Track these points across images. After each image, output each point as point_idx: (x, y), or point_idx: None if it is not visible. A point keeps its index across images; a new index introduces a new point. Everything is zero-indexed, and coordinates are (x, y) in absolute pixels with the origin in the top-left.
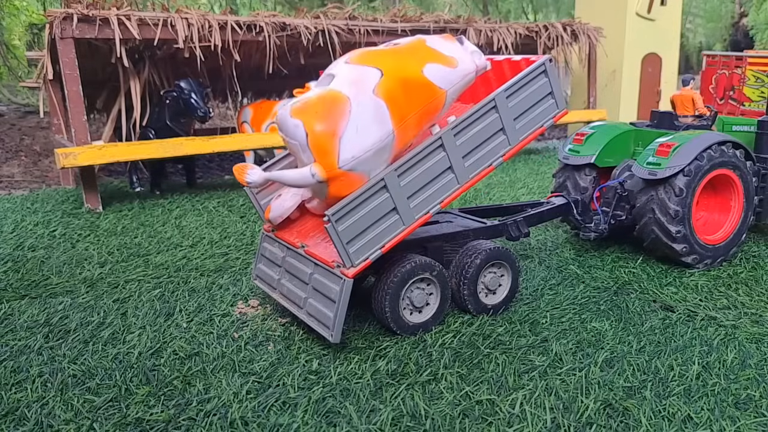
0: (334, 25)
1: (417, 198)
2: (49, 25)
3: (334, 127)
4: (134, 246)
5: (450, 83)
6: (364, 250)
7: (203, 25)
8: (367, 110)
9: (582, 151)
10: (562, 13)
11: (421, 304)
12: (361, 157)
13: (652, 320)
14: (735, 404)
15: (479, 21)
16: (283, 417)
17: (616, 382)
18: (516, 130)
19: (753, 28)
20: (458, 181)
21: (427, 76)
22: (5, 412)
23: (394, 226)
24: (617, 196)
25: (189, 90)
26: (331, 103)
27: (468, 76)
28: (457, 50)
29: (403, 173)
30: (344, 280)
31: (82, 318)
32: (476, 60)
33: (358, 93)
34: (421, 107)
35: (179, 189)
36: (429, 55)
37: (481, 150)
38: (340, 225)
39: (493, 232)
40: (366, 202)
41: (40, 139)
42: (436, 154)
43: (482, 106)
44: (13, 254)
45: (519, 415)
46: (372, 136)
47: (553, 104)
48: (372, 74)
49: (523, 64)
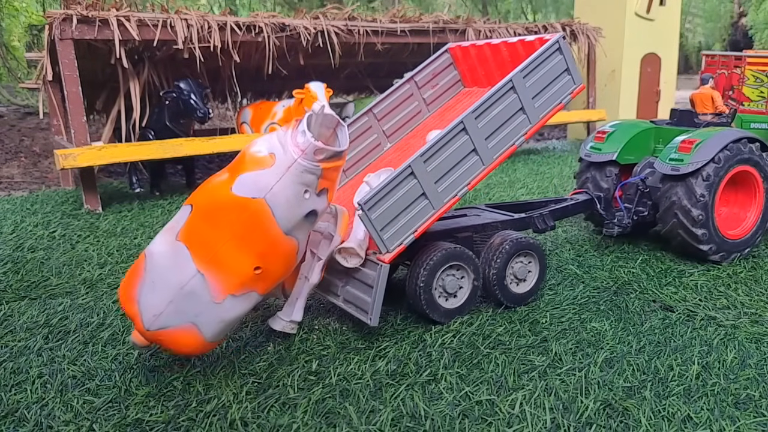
0: (333, 26)
1: (444, 182)
2: (49, 26)
3: (131, 293)
4: (134, 247)
5: (265, 187)
6: (398, 235)
7: (202, 25)
8: (162, 260)
9: (604, 148)
10: (561, 13)
11: (454, 290)
12: (165, 312)
13: (651, 320)
14: (735, 404)
15: (478, 21)
16: (283, 418)
17: (616, 382)
18: (535, 109)
19: (752, 28)
20: (483, 163)
21: (235, 193)
22: (5, 413)
23: (424, 210)
24: (639, 192)
25: (188, 91)
26: (132, 268)
27: (292, 170)
28: (280, 140)
29: (428, 159)
30: (381, 266)
31: (81, 319)
32: (298, 143)
33: (159, 243)
34: (233, 231)
35: (179, 190)
36: (243, 165)
37: (503, 130)
38: (372, 213)
39: (520, 225)
40: (395, 189)
41: (40, 140)
42: (460, 137)
43: (500, 87)
44: (13, 255)
45: (519, 415)
46: (169, 286)
47: (570, 80)
48: (183, 214)
49: (537, 43)
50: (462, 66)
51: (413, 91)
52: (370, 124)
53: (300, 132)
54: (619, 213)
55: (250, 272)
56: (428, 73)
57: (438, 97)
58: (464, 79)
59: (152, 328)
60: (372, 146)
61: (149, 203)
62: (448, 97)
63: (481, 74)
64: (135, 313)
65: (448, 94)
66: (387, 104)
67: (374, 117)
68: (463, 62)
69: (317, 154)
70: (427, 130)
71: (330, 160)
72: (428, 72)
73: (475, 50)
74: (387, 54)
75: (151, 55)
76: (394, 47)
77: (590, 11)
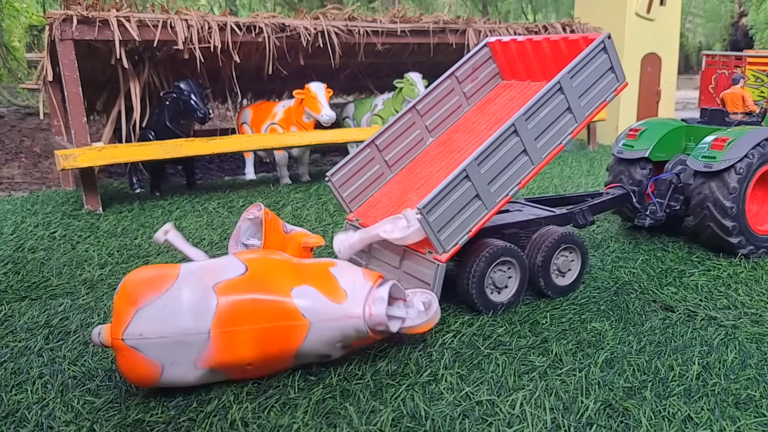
0: (333, 26)
1: (496, 183)
2: (49, 26)
3: (138, 295)
4: (134, 247)
5: (320, 316)
6: (454, 236)
7: (203, 26)
8: (189, 296)
9: (636, 145)
10: (561, 14)
11: (502, 284)
12: (151, 340)
13: (652, 320)
14: (735, 404)
15: (478, 21)
16: (284, 418)
17: (617, 382)
18: (581, 108)
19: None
20: (533, 162)
21: (293, 298)
22: (5, 413)
23: (477, 211)
24: (672, 187)
25: (189, 91)
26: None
27: (350, 321)
28: (358, 287)
29: (482, 162)
30: (438, 265)
31: (82, 319)
32: (372, 308)
33: (196, 278)
34: (265, 325)
35: (179, 190)
36: (318, 277)
37: (551, 130)
38: (431, 216)
39: (562, 220)
40: (451, 192)
41: (40, 141)
42: (511, 139)
43: (549, 89)
44: (14, 256)
45: (519, 415)
46: (175, 323)
47: (614, 78)
48: (235, 266)
49: (581, 42)
50: (501, 60)
51: (454, 85)
52: (414, 120)
53: (379, 299)
54: (651, 206)
55: (242, 363)
56: (468, 68)
57: (477, 91)
58: (503, 72)
59: (127, 342)
60: (415, 141)
61: (149, 204)
62: (487, 90)
63: (521, 68)
64: (124, 315)
65: (487, 87)
66: (429, 100)
67: (417, 113)
68: (503, 56)
69: (378, 326)
70: (467, 123)
71: (379, 333)
72: (468, 66)
73: (516, 45)
74: (387, 54)
75: (152, 55)
76: (394, 47)
77: (590, 11)
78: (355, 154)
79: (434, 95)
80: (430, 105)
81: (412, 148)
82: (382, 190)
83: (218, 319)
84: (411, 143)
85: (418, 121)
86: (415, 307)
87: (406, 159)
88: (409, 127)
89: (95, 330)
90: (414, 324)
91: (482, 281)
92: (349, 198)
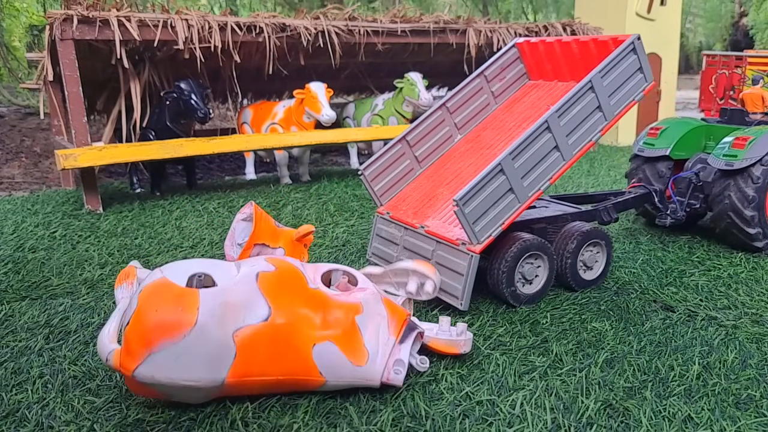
0: (334, 26)
1: (529, 177)
2: (49, 26)
3: (150, 340)
4: (135, 247)
5: (338, 374)
6: (488, 228)
7: (203, 26)
8: (208, 345)
9: (657, 144)
10: (561, 13)
11: (531, 277)
12: (163, 383)
13: (652, 320)
14: (735, 404)
15: (479, 21)
16: (284, 418)
17: (617, 382)
18: (611, 106)
19: (753, 28)
20: (564, 158)
21: (313, 355)
22: (6, 413)
23: (511, 204)
24: (692, 185)
25: (189, 91)
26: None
27: (365, 383)
28: (381, 345)
29: (516, 156)
30: (472, 256)
31: (82, 319)
32: (391, 374)
33: (213, 323)
34: (281, 378)
35: (179, 190)
36: (344, 332)
37: (582, 128)
38: (467, 208)
39: (588, 216)
40: (486, 185)
41: (41, 141)
42: (544, 136)
43: (581, 88)
44: (14, 255)
45: (519, 415)
46: (191, 373)
47: (642, 78)
48: (257, 306)
49: (610, 43)
50: (528, 60)
51: (483, 84)
52: (443, 117)
53: (399, 362)
54: (672, 205)
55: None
56: (497, 67)
57: (505, 90)
58: (530, 72)
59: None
60: (444, 138)
61: (150, 203)
62: (514, 89)
63: (548, 68)
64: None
65: (515, 87)
66: (459, 98)
67: (447, 110)
68: (530, 56)
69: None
70: (495, 121)
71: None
72: (497, 66)
73: (544, 46)
74: (387, 54)
75: (152, 55)
76: (394, 47)
77: (591, 11)
78: (386, 150)
79: (463, 93)
80: (459, 103)
81: (441, 144)
82: (412, 184)
83: (234, 370)
84: (440, 140)
85: (447, 119)
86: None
87: (435, 155)
88: (439, 124)
89: (105, 348)
90: (438, 337)
91: (512, 273)
92: (380, 192)
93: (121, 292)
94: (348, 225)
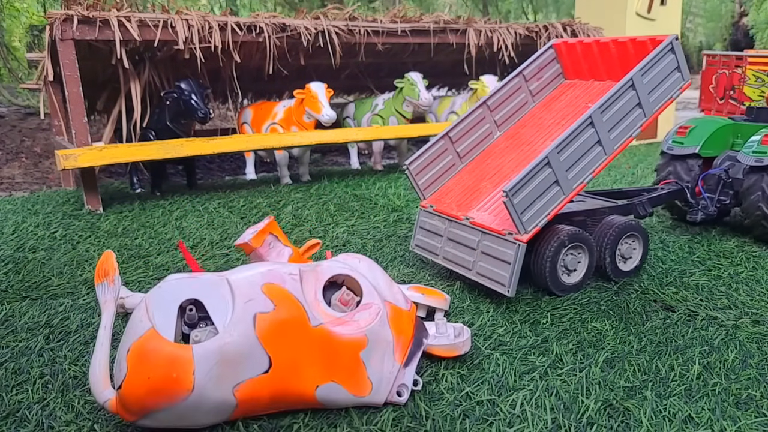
0: (334, 26)
1: (573, 170)
2: (50, 26)
3: (147, 405)
4: (135, 247)
5: (340, 406)
6: (534, 218)
7: (203, 26)
8: (207, 404)
9: (686, 142)
10: (562, 13)
11: (573, 267)
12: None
13: (652, 320)
14: (736, 404)
15: (479, 21)
16: (285, 419)
17: (617, 382)
18: (650, 103)
19: (753, 28)
20: (605, 153)
21: (317, 395)
22: (6, 413)
23: (556, 196)
24: (721, 182)
25: (189, 91)
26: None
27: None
28: (386, 373)
29: (561, 150)
30: (519, 245)
31: (83, 319)
32: (394, 397)
33: (210, 384)
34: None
35: (179, 190)
36: (343, 368)
37: (622, 123)
38: (516, 198)
39: (624, 210)
40: (534, 178)
41: (41, 141)
42: (587, 131)
43: (622, 85)
44: (14, 256)
45: (520, 415)
46: (194, 422)
47: (680, 77)
48: (256, 359)
49: (649, 43)
50: (565, 60)
51: (521, 84)
52: (484, 114)
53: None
54: (702, 202)
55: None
56: (535, 67)
57: (542, 89)
58: (566, 72)
59: (138, 425)
60: (484, 135)
61: (150, 204)
62: (551, 88)
63: (585, 68)
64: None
65: (551, 86)
66: (498, 96)
67: (488, 108)
68: (567, 57)
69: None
70: (533, 119)
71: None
72: (535, 66)
73: (582, 46)
74: (388, 54)
75: (152, 55)
76: (394, 47)
77: (591, 11)
78: (430, 145)
79: (503, 92)
80: (499, 101)
81: (482, 141)
82: (454, 179)
83: (237, 415)
84: (481, 136)
85: (488, 116)
86: (446, 333)
87: (475, 151)
88: (480, 122)
89: (99, 395)
90: (438, 344)
91: (555, 263)
92: (424, 186)
93: (103, 293)
94: (348, 225)
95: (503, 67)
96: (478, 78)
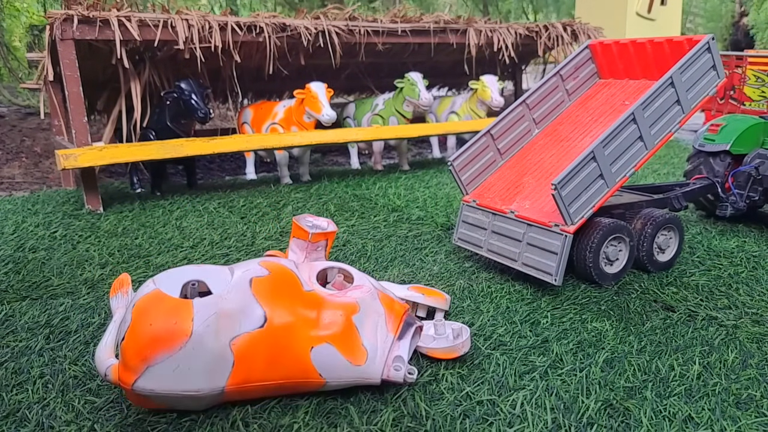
0: (334, 26)
1: (617, 164)
2: (50, 26)
3: (146, 354)
4: (135, 247)
5: (338, 377)
6: (580, 210)
7: (203, 26)
8: (205, 356)
9: (717, 139)
10: (562, 13)
11: (614, 258)
12: (162, 394)
13: (652, 320)
14: (736, 404)
15: (479, 21)
16: (284, 418)
17: (617, 382)
18: (688, 100)
19: (753, 28)
20: (647, 148)
21: (312, 357)
22: (6, 413)
23: (600, 189)
24: (751, 179)
25: (189, 91)
26: (166, 328)
27: (365, 382)
28: (380, 343)
29: (606, 145)
30: (566, 236)
31: (83, 319)
32: (391, 372)
33: (208, 333)
34: (280, 382)
35: (180, 190)
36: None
37: (662, 119)
38: (563, 191)
39: (660, 204)
40: (580, 171)
41: (41, 141)
42: (630, 126)
43: (663, 83)
44: (14, 255)
45: (520, 415)
46: (190, 383)
47: (715, 75)
48: (252, 313)
49: (685, 43)
50: (600, 60)
51: (558, 83)
52: (523, 113)
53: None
54: (732, 197)
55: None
56: (571, 67)
57: (578, 88)
58: (601, 71)
59: (138, 390)
60: (524, 132)
61: (150, 203)
62: (586, 87)
63: (620, 68)
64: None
65: (587, 85)
66: (537, 95)
67: (527, 106)
68: (603, 56)
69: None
70: (570, 116)
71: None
72: (571, 65)
73: (618, 46)
74: (388, 54)
75: (152, 55)
76: (394, 47)
77: (591, 11)
78: (473, 142)
79: (542, 91)
80: (537, 99)
81: (521, 138)
82: (495, 174)
83: (234, 378)
84: (520, 133)
85: (527, 114)
86: (444, 334)
87: (515, 148)
88: (519, 119)
89: (103, 363)
90: (436, 347)
91: (598, 254)
92: (467, 181)
93: (117, 302)
94: (348, 225)
95: (503, 67)
96: (478, 78)
